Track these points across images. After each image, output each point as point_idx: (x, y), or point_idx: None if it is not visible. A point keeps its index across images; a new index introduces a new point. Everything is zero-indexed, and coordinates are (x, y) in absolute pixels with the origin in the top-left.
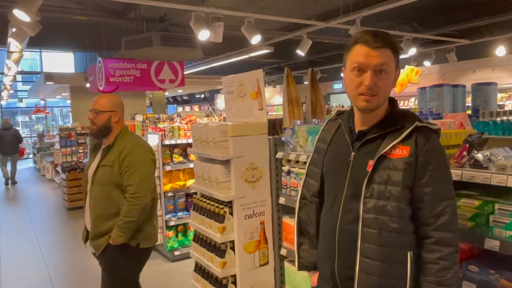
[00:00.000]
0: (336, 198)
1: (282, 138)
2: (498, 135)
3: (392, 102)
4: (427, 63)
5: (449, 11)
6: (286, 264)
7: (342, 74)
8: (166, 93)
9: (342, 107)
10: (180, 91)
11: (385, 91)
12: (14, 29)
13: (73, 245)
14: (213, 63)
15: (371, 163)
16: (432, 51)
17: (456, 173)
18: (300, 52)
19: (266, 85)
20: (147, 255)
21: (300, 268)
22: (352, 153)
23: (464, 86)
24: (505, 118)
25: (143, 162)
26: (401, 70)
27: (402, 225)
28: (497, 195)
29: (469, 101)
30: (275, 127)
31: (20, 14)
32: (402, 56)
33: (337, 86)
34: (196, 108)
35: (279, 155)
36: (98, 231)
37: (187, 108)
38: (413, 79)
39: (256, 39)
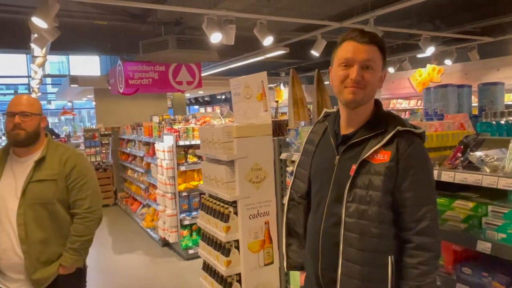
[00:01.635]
0: (321, 201)
1: (287, 139)
2: (502, 136)
3: (377, 104)
4: (448, 62)
5: (472, 8)
6: None
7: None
8: (187, 95)
9: None
10: (201, 92)
11: (371, 87)
12: (35, 35)
13: (96, 242)
14: (231, 64)
15: (353, 167)
16: (454, 49)
17: (448, 175)
18: (315, 53)
19: (286, 85)
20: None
21: (289, 268)
22: (337, 157)
23: (470, 86)
24: (510, 118)
25: (91, 173)
26: (423, 69)
27: (383, 230)
28: (498, 197)
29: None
30: (280, 128)
31: (38, 21)
32: (421, 55)
33: None
34: (217, 109)
35: (283, 156)
36: (41, 260)
37: (209, 109)
38: (435, 78)
39: (268, 40)
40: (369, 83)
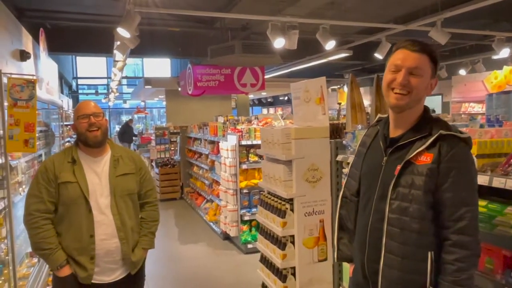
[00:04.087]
0: (369, 199)
1: (343, 141)
2: None
3: (425, 109)
4: None
5: None
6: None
7: None
8: (251, 96)
9: (434, 111)
10: (264, 93)
11: (417, 92)
12: (118, 43)
13: (163, 232)
14: (294, 67)
15: (398, 168)
16: None
17: (499, 181)
18: (378, 55)
19: None
20: None
21: (339, 259)
22: (384, 158)
23: None
24: None
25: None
26: (499, 71)
27: (423, 226)
28: None
29: None
30: (337, 131)
31: (122, 32)
32: (496, 57)
33: None
34: (279, 110)
35: (340, 157)
36: (133, 245)
37: (271, 110)
38: None
39: (330, 44)
40: (415, 88)
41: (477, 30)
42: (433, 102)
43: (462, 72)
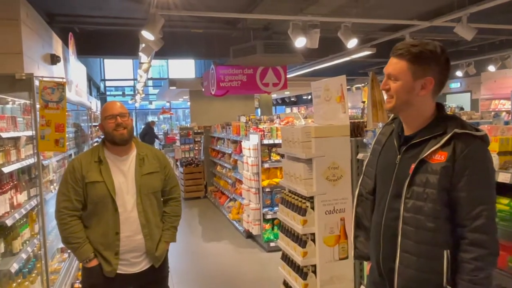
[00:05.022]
0: (383, 197)
1: (364, 140)
2: None
3: (439, 107)
4: None
5: None
6: None
7: (458, 73)
8: (274, 95)
9: (462, 109)
10: (287, 93)
11: (398, 96)
12: (143, 45)
13: (187, 230)
14: (317, 65)
15: (412, 166)
16: None
17: None
18: None
19: None
20: None
21: (356, 257)
22: (398, 156)
23: None
24: None
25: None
26: None
27: (438, 225)
28: None
29: None
30: (358, 129)
31: (146, 34)
32: None
33: (455, 85)
34: (302, 110)
35: (360, 156)
36: (156, 240)
37: (295, 109)
38: None
39: (352, 43)
40: (395, 93)
41: (507, 25)
42: (462, 99)
43: (492, 68)
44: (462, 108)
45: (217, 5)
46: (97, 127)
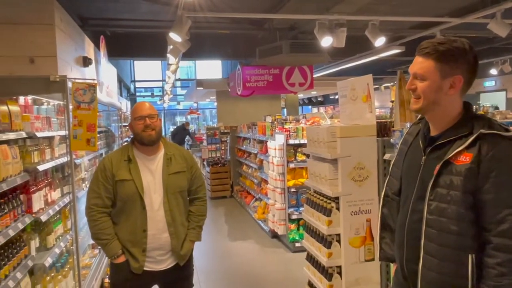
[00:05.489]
0: (408, 198)
1: (391, 140)
2: None
3: (466, 106)
4: None
5: None
6: None
7: (493, 71)
8: (301, 95)
9: (497, 108)
10: (314, 92)
11: (425, 96)
12: (171, 47)
13: (213, 229)
14: (344, 65)
15: (437, 167)
16: None
17: None
18: None
19: None
20: None
21: (381, 259)
22: (423, 157)
23: None
24: None
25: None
26: None
27: (462, 228)
28: None
29: None
30: (385, 129)
31: (174, 36)
32: None
33: (489, 83)
34: (329, 110)
35: (387, 156)
36: (182, 238)
37: (322, 109)
38: None
39: (380, 41)
40: (422, 93)
41: None
42: (496, 98)
43: None
44: (496, 108)
45: (243, 6)
46: (127, 127)
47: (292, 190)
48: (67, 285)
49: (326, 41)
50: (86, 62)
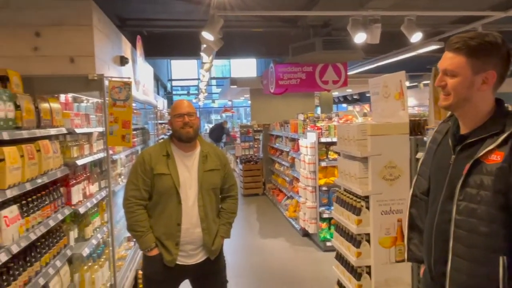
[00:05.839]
0: (436, 198)
1: (424, 138)
2: None
3: (498, 103)
4: None
5: None
6: None
7: None
8: (335, 93)
9: None
10: (349, 90)
11: (456, 93)
12: (204, 46)
13: (244, 226)
14: (380, 61)
15: (467, 167)
16: None
17: None
18: None
19: None
20: None
21: (409, 260)
22: (453, 156)
23: None
24: None
25: None
26: None
27: (492, 229)
28: None
29: None
30: (418, 127)
31: (206, 35)
32: None
33: None
34: (366, 107)
35: (420, 155)
36: (214, 234)
37: (358, 107)
38: None
39: (416, 37)
40: (452, 89)
41: None
42: None
43: None
44: None
45: (275, 4)
46: (163, 125)
47: (324, 188)
48: (103, 275)
49: (360, 38)
50: (123, 61)
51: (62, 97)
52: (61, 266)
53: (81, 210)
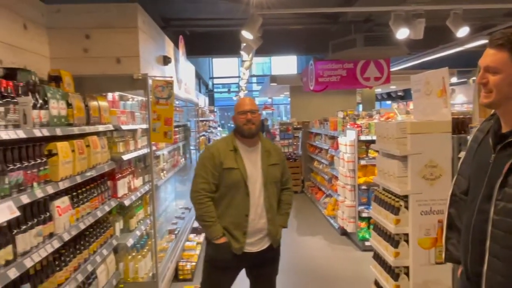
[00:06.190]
0: (474, 197)
1: (468, 137)
2: None
3: None
4: None
5: None
6: None
7: None
8: (378, 90)
9: None
10: (393, 87)
11: (498, 90)
12: (244, 44)
13: None
14: (425, 57)
15: (507, 166)
16: None
17: None
18: None
19: None
20: None
21: (446, 260)
22: (493, 155)
23: None
24: None
25: None
26: None
27: None
28: None
29: None
30: (462, 125)
31: (246, 34)
32: None
33: None
34: (411, 104)
35: (462, 154)
36: (276, 225)
37: (401, 105)
38: None
39: (463, 31)
40: (494, 87)
41: None
42: None
43: None
44: None
45: (316, 0)
46: (206, 121)
47: (363, 187)
48: (146, 265)
49: (402, 33)
50: (165, 61)
51: (110, 95)
52: (107, 254)
53: (126, 202)
